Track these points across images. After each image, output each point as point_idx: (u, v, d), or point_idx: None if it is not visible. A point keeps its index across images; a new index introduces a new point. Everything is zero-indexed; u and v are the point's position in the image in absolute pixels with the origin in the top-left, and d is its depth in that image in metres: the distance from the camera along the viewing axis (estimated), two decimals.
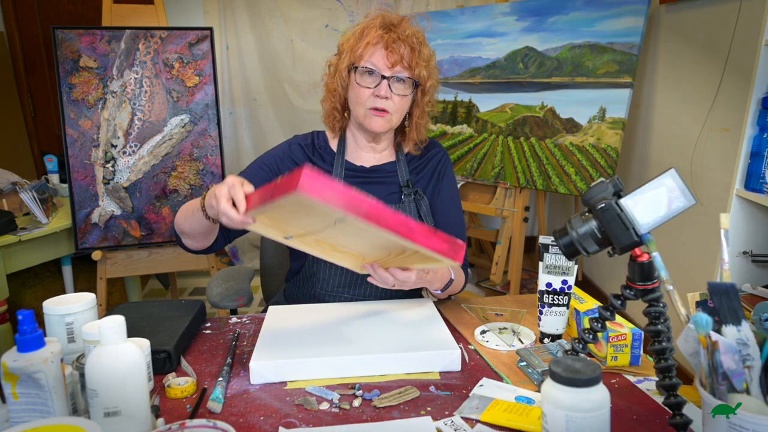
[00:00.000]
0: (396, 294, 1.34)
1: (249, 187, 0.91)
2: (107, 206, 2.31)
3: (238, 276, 1.58)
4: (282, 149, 1.33)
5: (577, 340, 0.87)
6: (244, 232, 1.12)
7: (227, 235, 1.21)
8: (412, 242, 0.83)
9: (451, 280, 1.21)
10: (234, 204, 0.90)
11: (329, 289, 1.29)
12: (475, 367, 1.02)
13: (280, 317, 1.17)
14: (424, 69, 1.21)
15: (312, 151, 1.32)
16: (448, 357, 1.00)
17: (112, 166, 2.31)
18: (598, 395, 0.67)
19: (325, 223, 0.86)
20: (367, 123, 1.23)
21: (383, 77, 1.19)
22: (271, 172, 1.29)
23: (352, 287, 1.29)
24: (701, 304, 0.92)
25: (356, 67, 1.21)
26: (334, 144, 1.34)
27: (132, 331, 0.93)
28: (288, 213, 0.85)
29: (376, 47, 1.19)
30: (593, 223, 0.80)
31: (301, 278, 1.33)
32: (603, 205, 0.78)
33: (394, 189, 1.31)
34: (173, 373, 1.00)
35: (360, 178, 1.30)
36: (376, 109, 1.21)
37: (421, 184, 1.34)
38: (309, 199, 0.73)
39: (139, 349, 0.78)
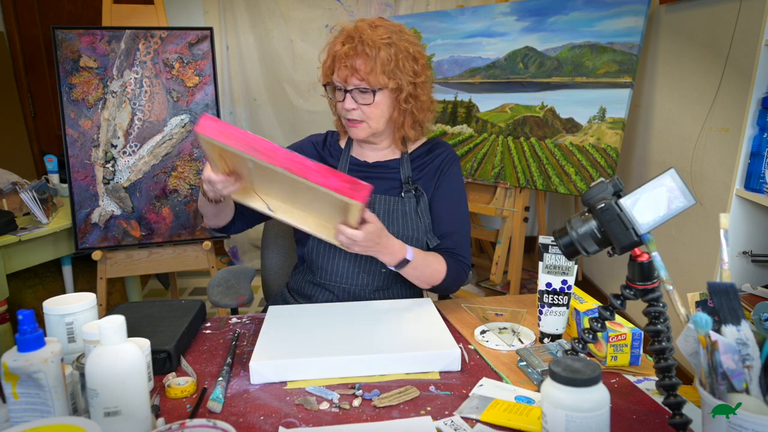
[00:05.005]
0: (395, 292, 1.35)
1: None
2: (107, 206, 2.31)
3: (239, 275, 1.58)
4: (298, 143, 1.43)
5: (577, 340, 0.87)
6: (262, 218, 1.34)
7: (246, 219, 1.35)
8: (307, 179, 0.91)
9: (406, 260, 1.19)
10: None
11: (328, 277, 1.32)
12: (475, 367, 1.02)
13: (280, 317, 1.17)
14: (381, 74, 1.22)
15: (322, 148, 1.40)
16: (448, 357, 1.00)
17: (112, 166, 2.31)
18: (598, 395, 0.67)
19: (247, 170, 1.01)
20: (350, 133, 1.31)
21: (346, 91, 1.24)
22: None
23: (351, 276, 1.31)
24: (701, 304, 0.92)
25: (326, 85, 1.29)
26: (343, 142, 1.41)
27: (132, 331, 0.93)
28: (229, 161, 1.02)
29: (337, 63, 1.24)
30: (593, 223, 0.80)
31: (303, 268, 1.38)
32: (603, 205, 0.78)
33: (395, 185, 1.34)
34: (173, 373, 1.00)
35: (362, 172, 1.35)
36: (350, 120, 1.28)
37: (422, 181, 1.35)
38: (206, 137, 0.91)
39: (139, 349, 0.78)
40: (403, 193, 1.32)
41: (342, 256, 1.30)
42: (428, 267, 1.25)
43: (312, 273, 1.34)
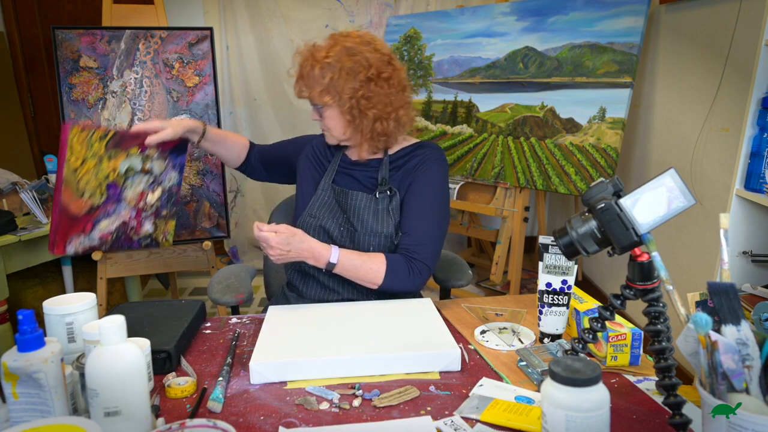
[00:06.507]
0: (393, 294, 1.35)
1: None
2: None
3: (240, 274, 1.58)
4: (311, 135, 1.57)
5: (577, 340, 0.87)
6: (284, 171, 1.59)
7: (263, 168, 1.61)
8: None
9: (330, 263, 1.23)
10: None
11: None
12: (475, 367, 1.02)
13: (280, 317, 1.17)
14: (319, 93, 1.29)
15: (327, 146, 1.49)
16: (448, 357, 1.00)
17: None
18: (598, 395, 0.67)
19: None
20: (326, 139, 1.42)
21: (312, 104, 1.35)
22: (296, 146, 1.56)
23: None
24: (701, 304, 0.92)
25: None
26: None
27: (132, 331, 0.93)
28: None
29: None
30: (593, 223, 0.80)
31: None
32: (603, 205, 0.78)
33: (373, 183, 1.38)
34: (173, 373, 1.00)
35: (346, 169, 1.43)
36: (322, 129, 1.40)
37: (397, 180, 1.37)
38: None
39: (139, 349, 0.78)
40: (378, 193, 1.35)
41: (322, 239, 1.32)
42: (360, 268, 1.25)
43: (299, 262, 1.36)
